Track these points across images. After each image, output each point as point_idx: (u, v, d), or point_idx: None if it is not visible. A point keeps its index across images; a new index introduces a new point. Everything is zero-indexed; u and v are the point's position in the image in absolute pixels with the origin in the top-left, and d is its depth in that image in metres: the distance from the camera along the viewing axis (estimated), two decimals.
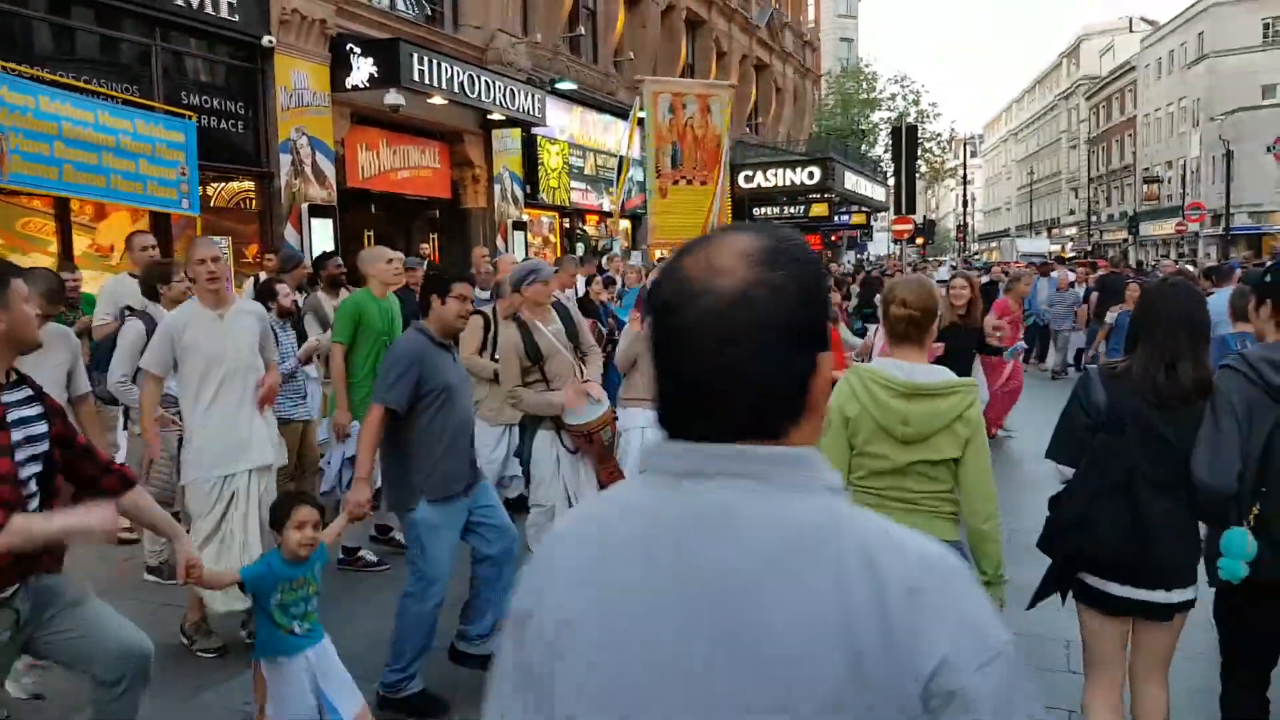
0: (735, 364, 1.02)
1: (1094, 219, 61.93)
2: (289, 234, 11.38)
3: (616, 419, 5.54)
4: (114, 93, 9.06)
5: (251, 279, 10.38)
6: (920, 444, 2.97)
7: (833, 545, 1.00)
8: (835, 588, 0.97)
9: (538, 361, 5.27)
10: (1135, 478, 2.90)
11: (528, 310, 5.42)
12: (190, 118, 9.19)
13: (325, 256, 7.97)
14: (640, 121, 11.07)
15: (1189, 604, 3.05)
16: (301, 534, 3.41)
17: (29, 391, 2.86)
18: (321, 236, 11.63)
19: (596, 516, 1.16)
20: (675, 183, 8.37)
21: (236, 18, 10.63)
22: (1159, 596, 2.98)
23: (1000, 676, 0.99)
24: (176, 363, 4.53)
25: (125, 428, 5.73)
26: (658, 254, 8.24)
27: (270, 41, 11.03)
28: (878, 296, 7.15)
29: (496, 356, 6.16)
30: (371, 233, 14.50)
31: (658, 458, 1.10)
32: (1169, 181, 50.06)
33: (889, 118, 43.99)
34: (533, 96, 14.85)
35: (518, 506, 6.03)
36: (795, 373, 1.05)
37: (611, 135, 20.14)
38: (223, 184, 11.21)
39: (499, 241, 15.72)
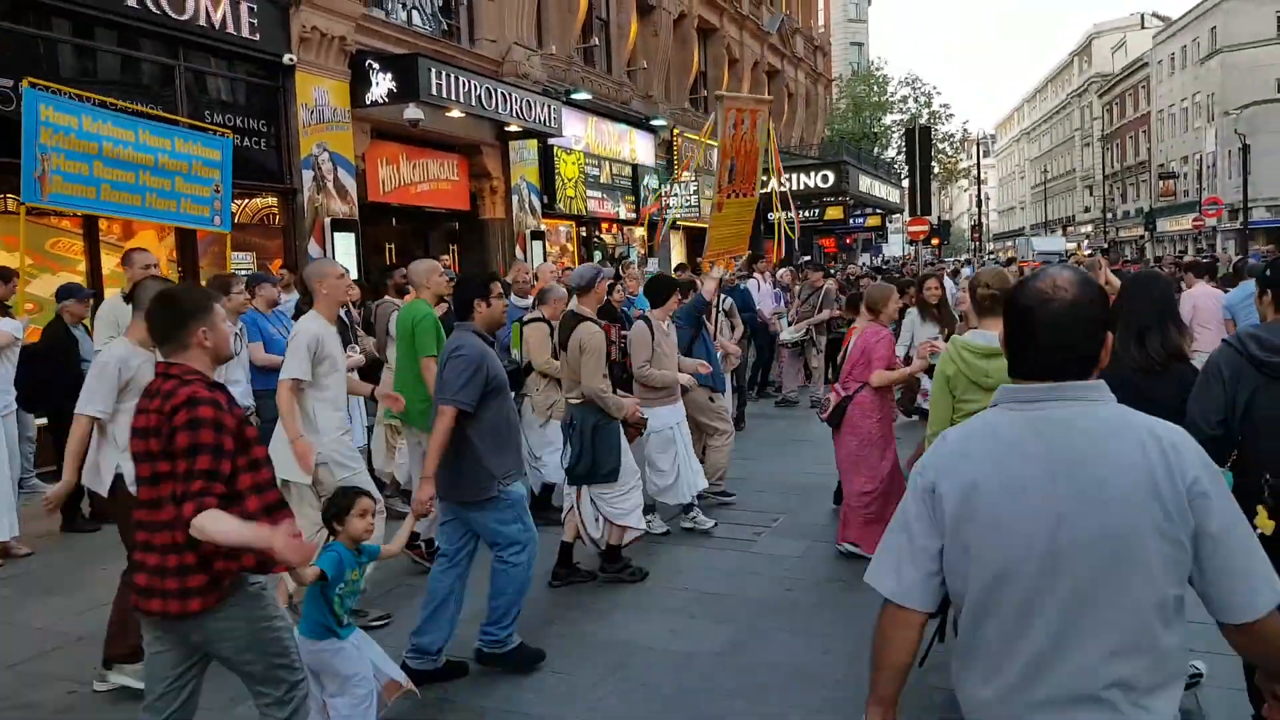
0: (1073, 340, 1.88)
1: (1110, 216, 61.66)
2: (312, 248, 11.49)
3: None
4: (155, 112, 9.16)
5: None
6: (980, 383, 4.06)
7: (1130, 428, 1.83)
8: (1140, 449, 1.79)
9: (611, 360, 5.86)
10: None
11: (590, 307, 5.88)
12: (228, 135, 9.22)
13: (392, 268, 8.26)
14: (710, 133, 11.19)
15: None
16: (365, 521, 3.74)
17: None
18: (344, 250, 11.75)
19: (979, 430, 1.96)
20: (729, 196, 8.47)
21: (257, 37, 10.76)
22: None
23: (1219, 483, 1.82)
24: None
25: None
26: (710, 265, 8.28)
27: (291, 59, 11.16)
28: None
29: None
30: (392, 245, 14.63)
31: (1014, 393, 1.93)
32: (1185, 177, 49.80)
33: (901, 120, 43.97)
34: (548, 107, 14.94)
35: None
36: (1100, 342, 1.90)
37: (626, 144, 20.24)
38: (246, 200, 11.32)
39: (518, 251, 15.81)
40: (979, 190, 57.52)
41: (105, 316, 5.78)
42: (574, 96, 17.37)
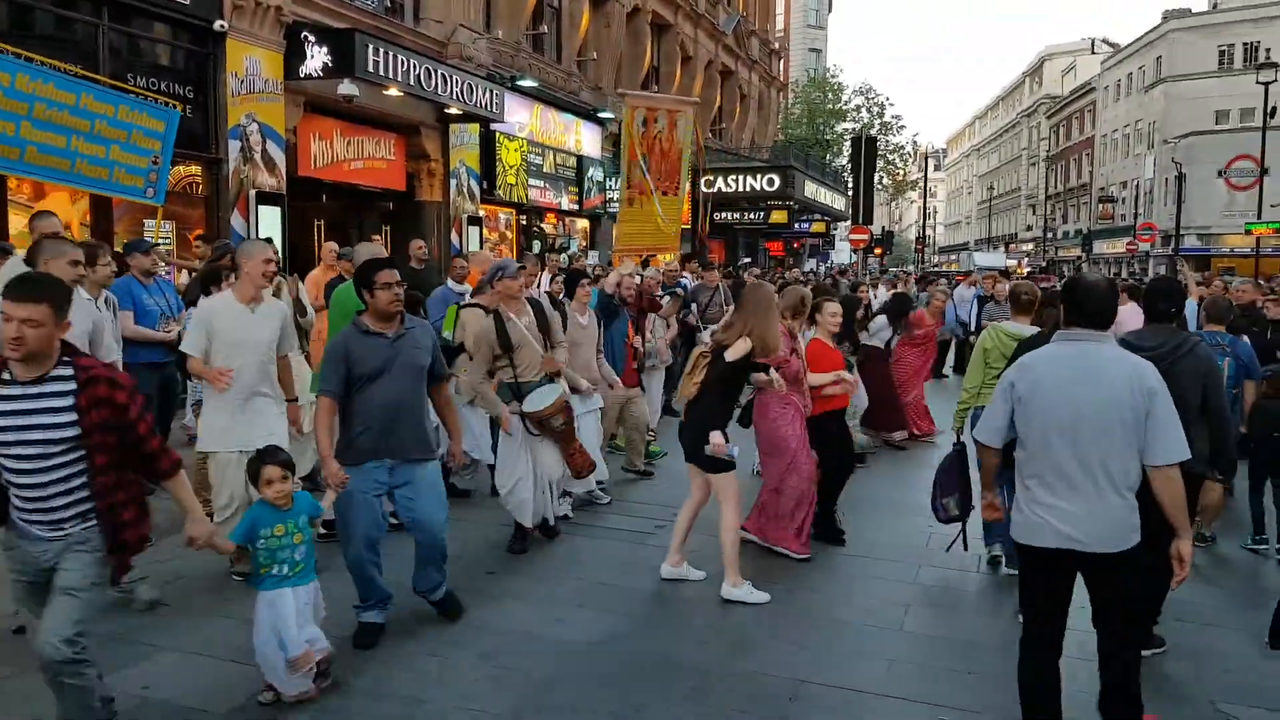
0: (1105, 309, 3.54)
1: (1050, 235, 62.89)
2: (235, 221, 11.29)
3: (570, 408, 6.02)
4: (104, 79, 8.90)
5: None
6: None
7: (1124, 359, 3.47)
8: (1129, 371, 3.41)
9: (509, 351, 5.89)
10: None
11: (501, 303, 6.00)
12: (176, 107, 8.98)
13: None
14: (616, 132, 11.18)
15: None
16: (272, 489, 4.07)
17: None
18: (269, 224, 11.55)
19: (1039, 355, 3.60)
20: (642, 193, 8.51)
21: (188, 1, 10.52)
22: None
23: (1164, 389, 3.40)
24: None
25: None
26: (621, 260, 8.43)
27: (222, 26, 10.94)
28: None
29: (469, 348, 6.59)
30: (322, 222, 14.43)
31: (1065, 334, 3.56)
32: (1123, 201, 50.98)
33: (854, 129, 44.36)
34: (492, 93, 14.84)
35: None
36: (1116, 308, 3.61)
37: (572, 135, 20.16)
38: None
39: (454, 236, 15.69)
40: (924, 203, 58.35)
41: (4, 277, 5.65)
42: (520, 83, 17.26)
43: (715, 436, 5.33)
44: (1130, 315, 9.60)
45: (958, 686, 4.39)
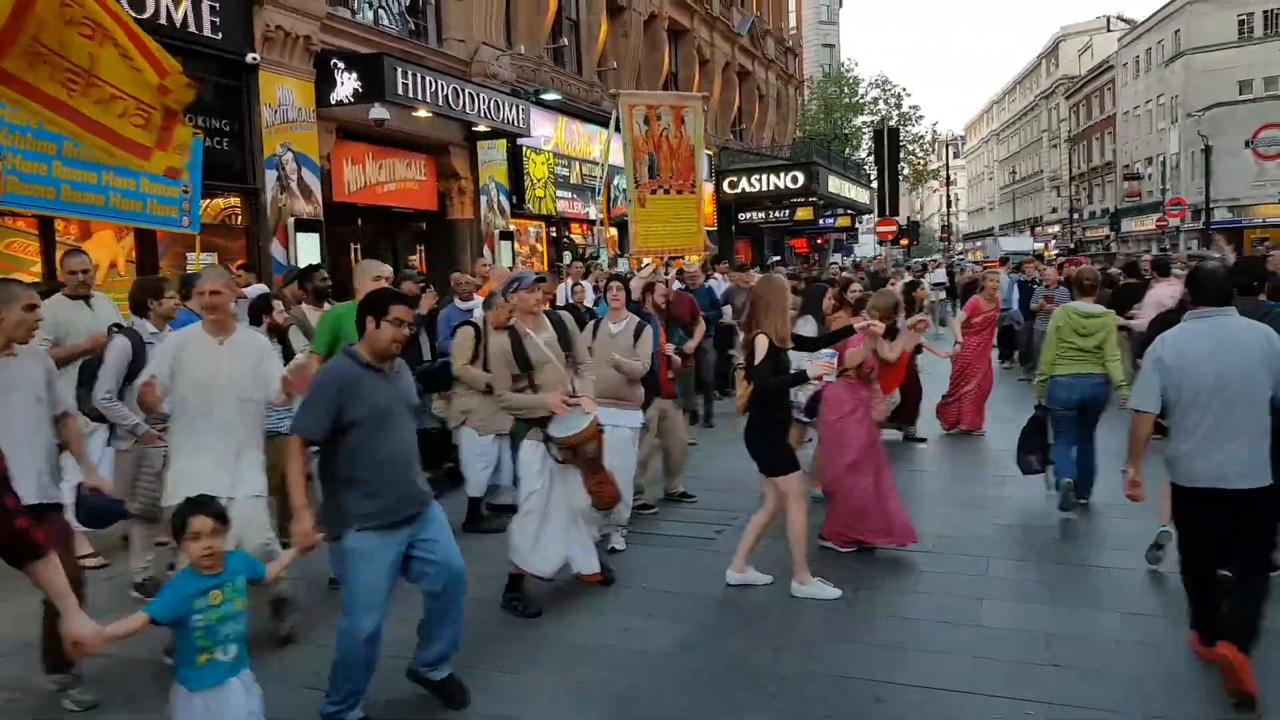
0: (1226, 290, 4.35)
1: (1076, 216, 62.30)
2: (275, 249, 11.43)
3: (601, 434, 5.43)
4: None
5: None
6: (1088, 336, 6.91)
7: (1252, 327, 4.23)
8: (1264, 339, 4.17)
9: (527, 370, 5.31)
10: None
11: (519, 318, 5.49)
12: (198, 135, 9.10)
13: (311, 269, 8.02)
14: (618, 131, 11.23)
15: None
16: (199, 544, 3.19)
17: None
18: (308, 251, 11.69)
19: (1182, 330, 4.32)
20: (653, 192, 8.48)
21: (220, 35, 10.69)
22: None
23: None
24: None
25: (109, 443, 5.73)
26: (642, 261, 8.37)
27: (254, 59, 11.09)
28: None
29: (489, 367, 6.31)
30: (358, 246, 14.57)
31: (1197, 312, 4.32)
32: (1149, 178, 50.43)
33: (872, 121, 44.20)
34: (517, 107, 14.94)
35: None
36: (1232, 289, 4.44)
37: (597, 144, 20.23)
38: (208, 200, 11.23)
39: (486, 252, 15.79)
40: (947, 191, 57.96)
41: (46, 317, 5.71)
42: (543, 97, 17.36)
43: (816, 361, 5.39)
44: (1164, 292, 9.56)
45: (1041, 680, 4.39)
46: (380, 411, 3.96)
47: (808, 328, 7.01)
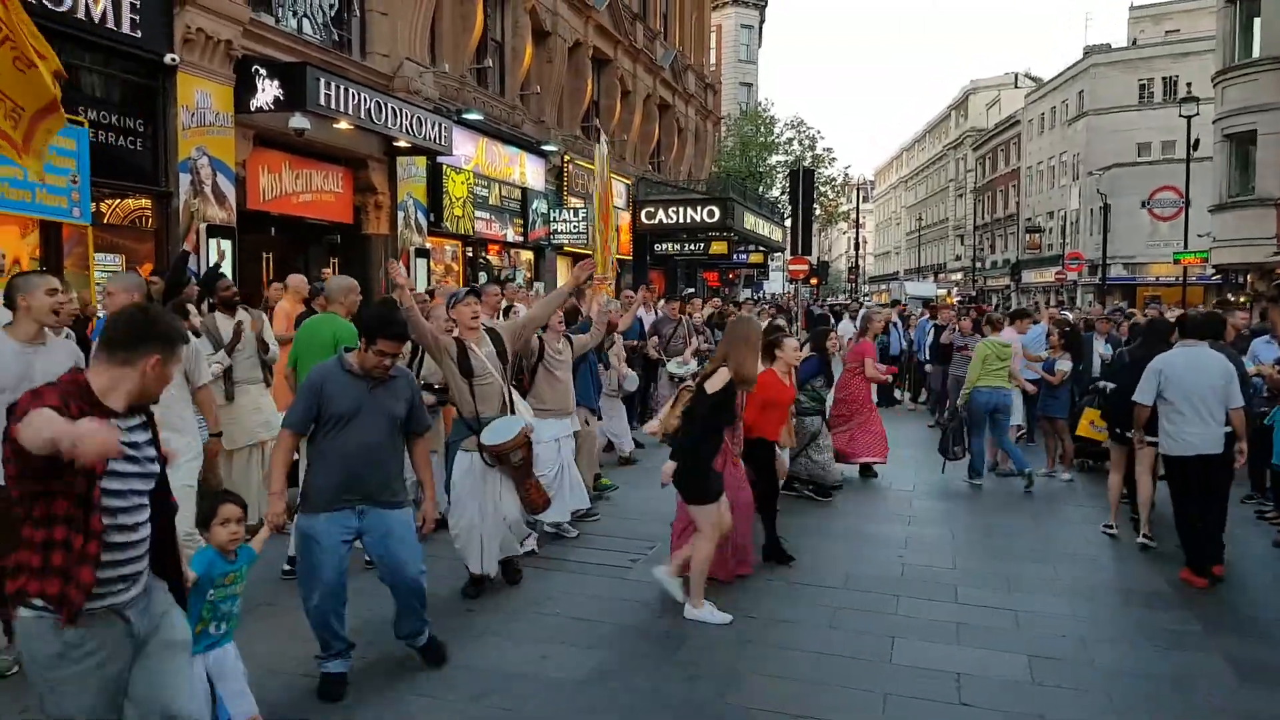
0: (1204, 330, 6.91)
1: (979, 265, 64.45)
2: (185, 245, 11.03)
3: (530, 444, 5.72)
4: None
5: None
6: (1004, 361, 9.60)
7: (1217, 356, 6.69)
8: (1220, 362, 6.64)
9: (469, 378, 5.69)
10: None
11: (461, 332, 5.85)
12: (82, 124, 8.98)
13: (213, 276, 7.82)
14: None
15: None
16: (227, 529, 3.68)
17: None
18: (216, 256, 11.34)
19: (1170, 355, 6.77)
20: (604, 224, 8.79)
21: (139, 34, 10.35)
22: None
23: (1235, 377, 6.68)
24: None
25: None
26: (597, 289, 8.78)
27: (173, 60, 10.76)
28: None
29: (423, 378, 6.74)
30: (270, 255, 14.21)
31: (1182, 344, 6.83)
32: (1050, 231, 52.44)
33: (786, 161, 45.12)
34: (439, 125, 14.81)
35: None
36: (1206, 331, 6.92)
37: (517, 167, 20.20)
38: (118, 200, 10.84)
39: (401, 268, 15.54)
40: (857, 234, 59.44)
41: None
42: (465, 116, 17.26)
43: (667, 466, 5.60)
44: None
45: (953, 719, 4.47)
46: (349, 412, 4.39)
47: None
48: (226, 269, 10.84)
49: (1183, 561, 6.71)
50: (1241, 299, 24.05)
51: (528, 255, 21.90)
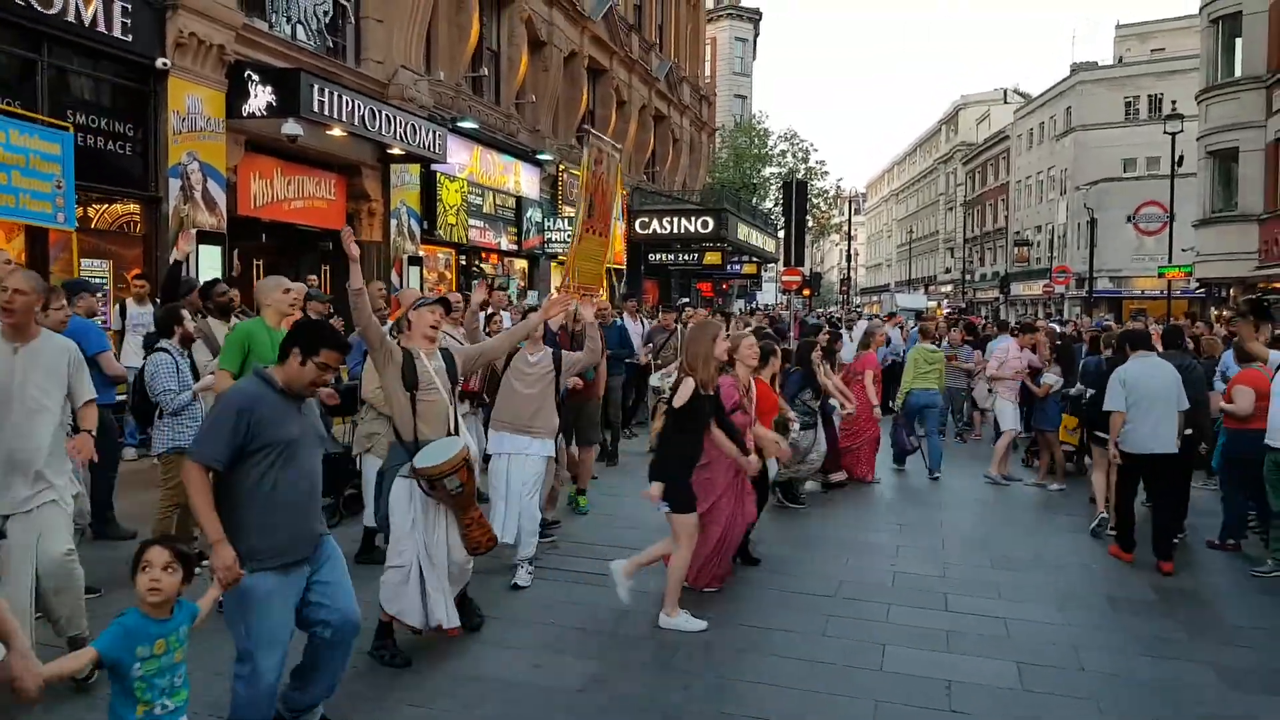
0: (1154, 344, 7.99)
1: (969, 277, 64.68)
2: (174, 255, 10.97)
3: (470, 470, 4.91)
4: None
5: (119, 303, 10.04)
6: (933, 365, 10.90)
7: (1168, 366, 7.36)
8: (1171, 371, 7.29)
9: (412, 389, 4.89)
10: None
11: (415, 339, 5.14)
12: (67, 129, 8.97)
13: (211, 284, 7.77)
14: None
15: None
16: (146, 575, 2.97)
17: None
18: (210, 264, 11.29)
19: (1131, 366, 7.36)
20: (588, 232, 8.59)
21: (130, 38, 10.32)
22: None
23: (1178, 377, 7.41)
24: None
25: None
26: (583, 298, 8.57)
27: (164, 64, 10.74)
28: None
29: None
30: (261, 262, 14.15)
31: (1138, 356, 7.40)
32: (1038, 245, 52.73)
33: (780, 173, 45.21)
34: (433, 133, 14.80)
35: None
36: (1155, 344, 8.05)
37: (511, 175, 20.19)
38: (106, 205, 10.79)
39: (394, 276, 15.52)
40: (849, 245, 59.57)
41: None
42: (460, 124, 17.26)
43: (654, 488, 5.56)
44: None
45: None
46: (288, 441, 3.67)
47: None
48: (216, 276, 10.78)
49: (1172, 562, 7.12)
50: (1224, 313, 24.26)
51: (522, 264, 21.90)
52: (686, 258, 30.16)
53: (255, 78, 11.73)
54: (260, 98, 11.74)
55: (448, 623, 4.96)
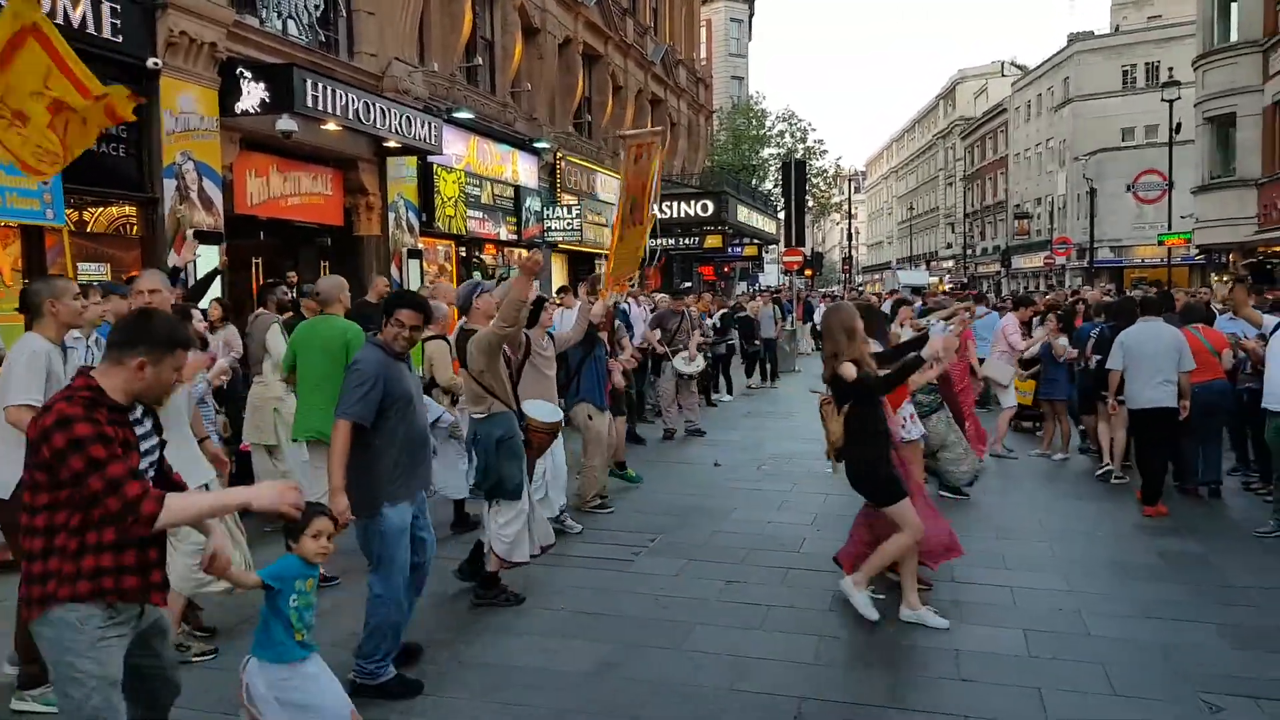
0: (1158, 309, 8.38)
1: (969, 252, 64.55)
2: (173, 261, 10.99)
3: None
4: None
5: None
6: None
7: (1168, 329, 8.11)
8: (1171, 334, 8.04)
9: (508, 364, 5.98)
10: None
11: (479, 323, 6.00)
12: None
13: (271, 284, 8.12)
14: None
15: None
16: (318, 543, 3.55)
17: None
18: (208, 263, 11.28)
19: (1133, 329, 8.16)
20: (631, 225, 8.65)
21: (120, 39, 10.29)
22: None
23: (1181, 338, 8.17)
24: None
25: None
26: (608, 291, 8.61)
27: (156, 64, 10.70)
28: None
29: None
30: (260, 260, 14.17)
31: (1144, 319, 8.19)
32: (1038, 217, 52.57)
33: (778, 154, 45.13)
34: (429, 124, 14.76)
35: None
36: (1161, 309, 8.45)
37: (509, 165, 20.16)
38: (101, 208, 10.79)
39: (393, 269, 15.54)
40: (850, 224, 59.46)
41: None
42: (456, 115, 17.21)
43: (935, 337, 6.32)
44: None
45: (953, 693, 4.47)
46: (408, 396, 4.47)
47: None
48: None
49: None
50: (1224, 278, 24.26)
51: (522, 253, 21.88)
52: (687, 241, 30.15)
53: (248, 74, 11.69)
54: (253, 95, 11.70)
55: (547, 540, 5.93)
